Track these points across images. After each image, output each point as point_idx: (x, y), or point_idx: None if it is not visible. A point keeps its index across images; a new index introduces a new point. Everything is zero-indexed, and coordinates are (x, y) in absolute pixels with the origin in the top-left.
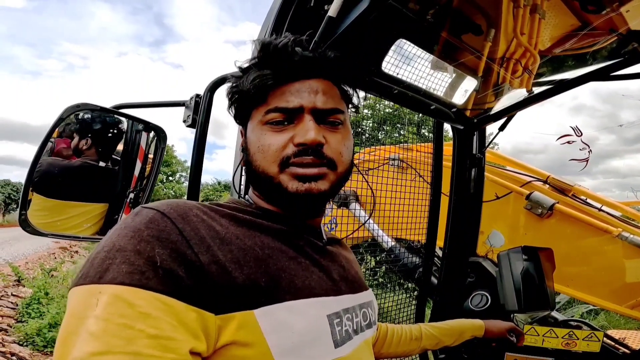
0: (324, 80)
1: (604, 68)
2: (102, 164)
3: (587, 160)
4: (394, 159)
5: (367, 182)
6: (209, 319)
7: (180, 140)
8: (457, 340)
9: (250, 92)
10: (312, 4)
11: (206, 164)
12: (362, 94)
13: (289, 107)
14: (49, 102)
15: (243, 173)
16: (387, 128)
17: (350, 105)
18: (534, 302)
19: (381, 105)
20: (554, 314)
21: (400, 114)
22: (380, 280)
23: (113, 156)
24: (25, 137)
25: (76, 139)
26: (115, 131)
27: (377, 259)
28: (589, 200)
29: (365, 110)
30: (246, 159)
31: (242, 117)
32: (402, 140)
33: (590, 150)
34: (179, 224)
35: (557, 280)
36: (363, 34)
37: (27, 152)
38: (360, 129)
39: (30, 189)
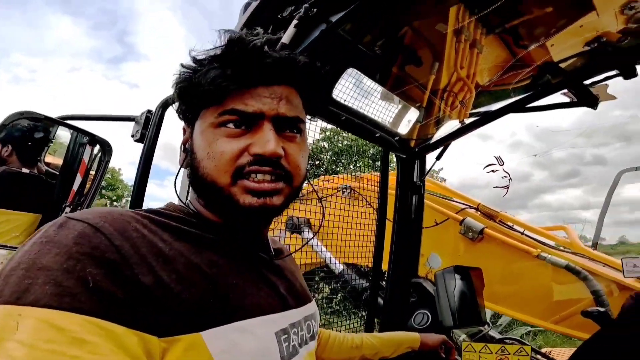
0: (289, 86)
1: (520, 100)
2: (25, 170)
3: (507, 187)
4: (345, 188)
5: (323, 208)
6: (151, 342)
7: (129, 164)
8: (396, 352)
9: (205, 91)
10: (269, 31)
11: (157, 190)
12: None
13: (247, 112)
14: None
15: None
16: (344, 161)
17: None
18: (468, 318)
19: (339, 137)
20: (492, 332)
21: (357, 146)
22: (335, 307)
23: (42, 165)
24: None
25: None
26: (38, 137)
27: (331, 287)
28: (514, 226)
29: (324, 143)
30: (191, 163)
31: (188, 113)
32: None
33: (511, 178)
34: (115, 240)
35: (489, 299)
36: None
37: None
38: (318, 162)
39: None
